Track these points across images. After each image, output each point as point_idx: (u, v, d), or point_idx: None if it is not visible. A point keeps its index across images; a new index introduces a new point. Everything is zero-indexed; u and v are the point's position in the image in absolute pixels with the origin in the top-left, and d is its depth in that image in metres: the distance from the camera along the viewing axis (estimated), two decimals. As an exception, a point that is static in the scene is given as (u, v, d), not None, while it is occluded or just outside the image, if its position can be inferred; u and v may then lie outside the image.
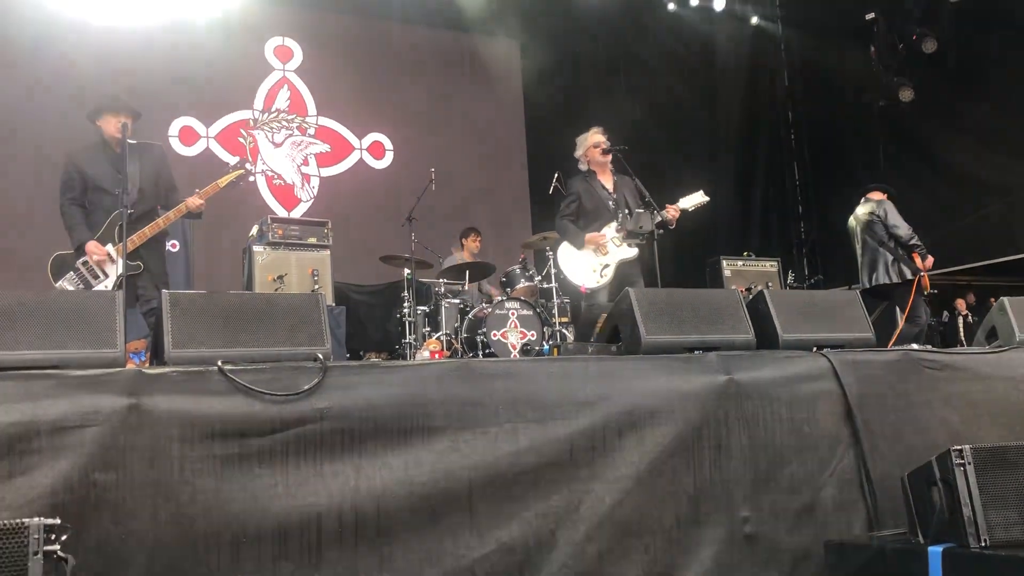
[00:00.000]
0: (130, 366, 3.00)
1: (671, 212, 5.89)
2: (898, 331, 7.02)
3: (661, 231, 5.83)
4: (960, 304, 11.54)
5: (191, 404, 2.79)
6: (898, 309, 7.48)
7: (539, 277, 7.46)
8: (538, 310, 7.04)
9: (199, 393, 2.83)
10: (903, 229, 7.36)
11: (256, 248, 7.07)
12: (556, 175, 6.83)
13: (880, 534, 3.52)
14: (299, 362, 3.10)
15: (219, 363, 2.91)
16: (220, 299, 3.21)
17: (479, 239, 9.06)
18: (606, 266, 6.02)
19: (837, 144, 11.70)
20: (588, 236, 5.97)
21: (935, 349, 4.44)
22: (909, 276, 7.27)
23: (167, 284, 5.15)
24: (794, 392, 3.79)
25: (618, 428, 3.38)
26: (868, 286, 7.36)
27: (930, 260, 7.27)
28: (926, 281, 7.25)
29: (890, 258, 7.36)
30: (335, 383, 3.02)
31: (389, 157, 10.72)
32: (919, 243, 7.32)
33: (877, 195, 7.77)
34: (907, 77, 10.70)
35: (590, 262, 6.04)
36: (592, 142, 6.25)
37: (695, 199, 6.10)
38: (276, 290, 6.74)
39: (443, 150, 10.48)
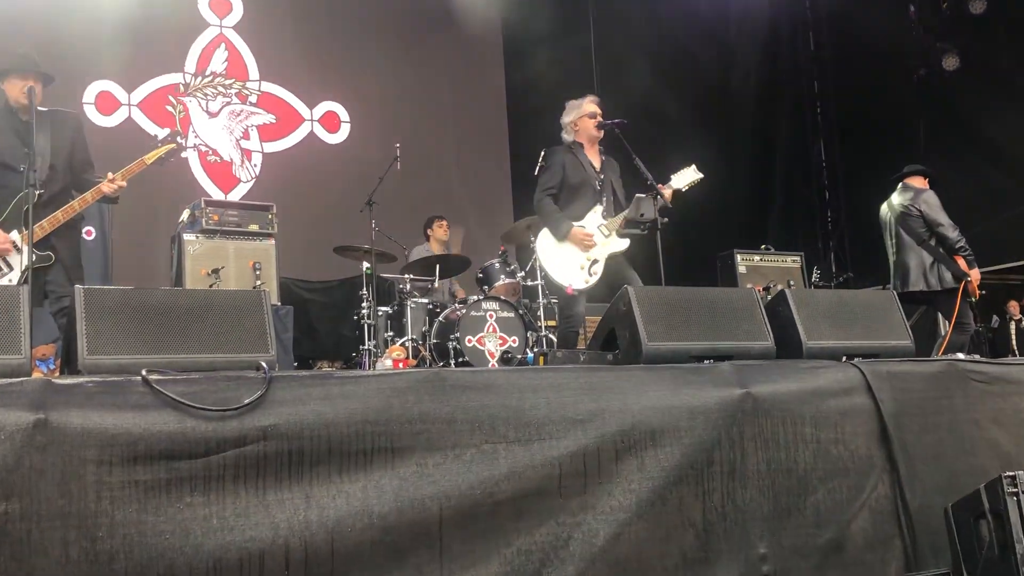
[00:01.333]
0: (36, 375, 2.97)
1: (665, 194, 5.91)
2: (945, 338, 6.96)
3: (665, 219, 5.86)
4: (1013, 307, 11.64)
5: (110, 420, 2.76)
6: (940, 314, 7.45)
7: (522, 273, 7.46)
8: (521, 312, 7.03)
9: (119, 407, 2.80)
10: (949, 228, 7.11)
11: (187, 236, 7.01)
12: (542, 153, 6.82)
13: (919, 575, 3.55)
14: (238, 371, 3.09)
15: (143, 372, 2.89)
16: (144, 296, 3.19)
17: (445, 225, 9.06)
18: (595, 262, 6.03)
19: (870, 119, 11.77)
20: (574, 231, 5.99)
21: (983, 359, 4.49)
22: (952, 283, 7.02)
23: (82, 279, 5.09)
24: (820, 408, 3.82)
25: (614, 450, 3.39)
26: (900, 291, 7.04)
27: (977, 273, 7.03)
28: (973, 287, 7.00)
29: (929, 260, 7.13)
30: (281, 396, 3.01)
31: (345, 130, 10.68)
32: (967, 248, 7.08)
33: (917, 181, 7.56)
34: (952, 42, 10.78)
35: (575, 257, 6.05)
36: (587, 111, 6.27)
37: (687, 176, 6.11)
38: (211, 286, 6.68)
39: (410, 123, 10.45)
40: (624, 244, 6.08)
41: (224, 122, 10.09)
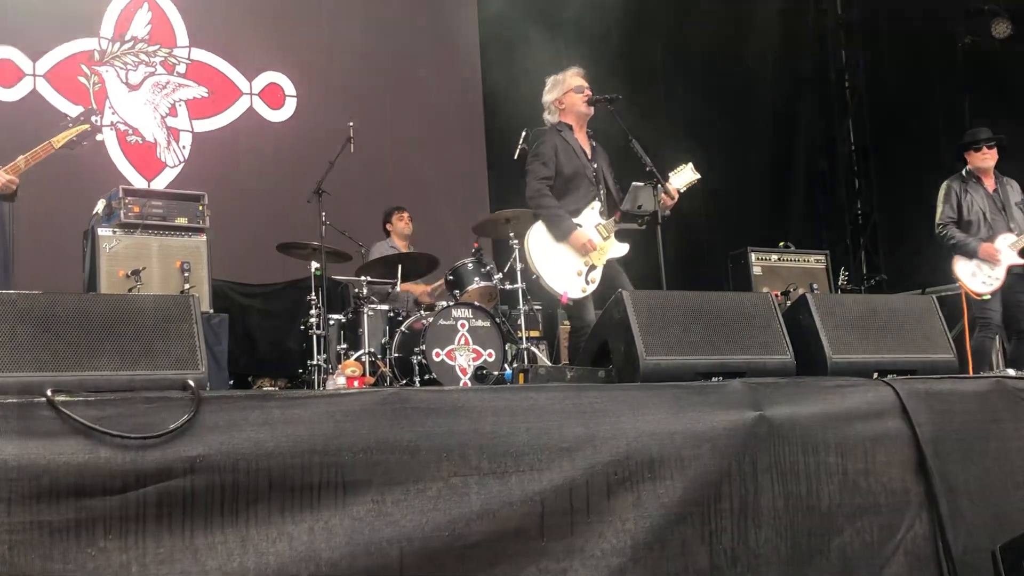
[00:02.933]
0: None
1: (670, 188, 5.93)
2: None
3: (667, 213, 5.88)
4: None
5: (8, 450, 2.74)
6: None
7: (499, 275, 7.46)
8: (498, 320, 7.04)
9: (20, 435, 2.78)
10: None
11: (102, 232, 6.98)
12: (523, 133, 6.84)
13: (962, 629, 3.58)
14: (162, 391, 3.07)
15: (48, 392, 2.86)
16: (51, 303, 3.17)
17: (407, 217, 9.06)
18: (593, 267, 6.07)
19: (907, 94, 11.83)
20: (577, 234, 6.01)
21: (1037, 376, 4.52)
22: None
23: (-24, 281, 5.06)
24: (847, 434, 3.84)
25: (606, 484, 3.39)
26: None
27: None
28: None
29: None
30: (213, 421, 3.00)
31: (290, 106, 10.64)
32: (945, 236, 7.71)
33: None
34: (1003, 5, 10.85)
35: (572, 262, 6.07)
36: (573, 84, 6.29)
37: (685, 176, 6.15)
38: (131, 290, 6.66)
39: (366, 98, 10.43)
40: (624, 249, 6.13)
41: (147, 96, 10.03)
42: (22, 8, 9.41)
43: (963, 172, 7.88)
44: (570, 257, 6.08)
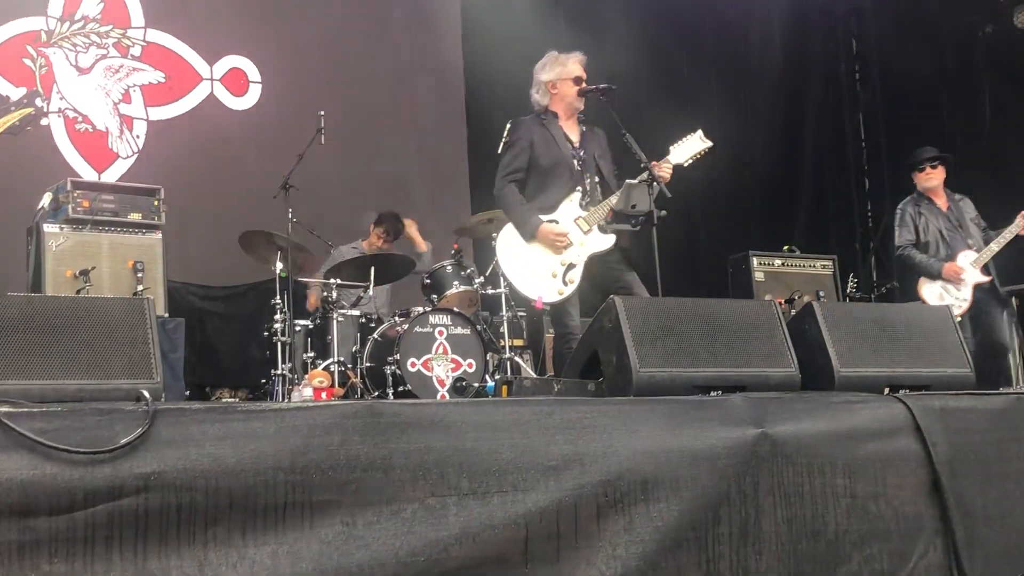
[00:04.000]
0: None
1: (662, 173, 5.91)
2: None
3: (663, 212, 5.87)
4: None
5: (-55, 465, 2.74)
6: None
7: (480, 279, 7.47)
8: (479, 328, 7.04)
9: (-42, 448, 2.77)
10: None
11: (49, 228, 6.95)
12: (508, 125, 6.84)
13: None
14: (113, 403, 3.07)
15: (-10, 403, 2.86)
16: (-7, 305, 3.16)
17: (388, 239, 9.01)
18: (570, 267, 6.01)
19: (922, 88, 11.88)
20: (543, 229, 5.98)
21: (1061, 392, 4.54)
22: None
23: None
24: (856, 454, 3.85)
25: (596, 506, 3.40)
26: None
27: None
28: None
29: None
30: (168, 435, 2.99)
31: (255, 93, 10.61)
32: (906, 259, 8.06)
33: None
34: (1027, -7, 10.91)
35: (546, 262, 6.03)
36: (572, 73, 6.24)
37: (691, 146, 6.12)
38: (79, 291, 6.63)
39: (338, 85, 10.41)
40: (608, 242, 6.04)
41: (98, 81, 10.00)
42: (-39, -16, 9.38)
43: (915, 193, 8.28)
44: (543, 256, 6.03)
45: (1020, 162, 10.50)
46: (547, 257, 6.02)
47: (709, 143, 6.12)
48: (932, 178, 8.16)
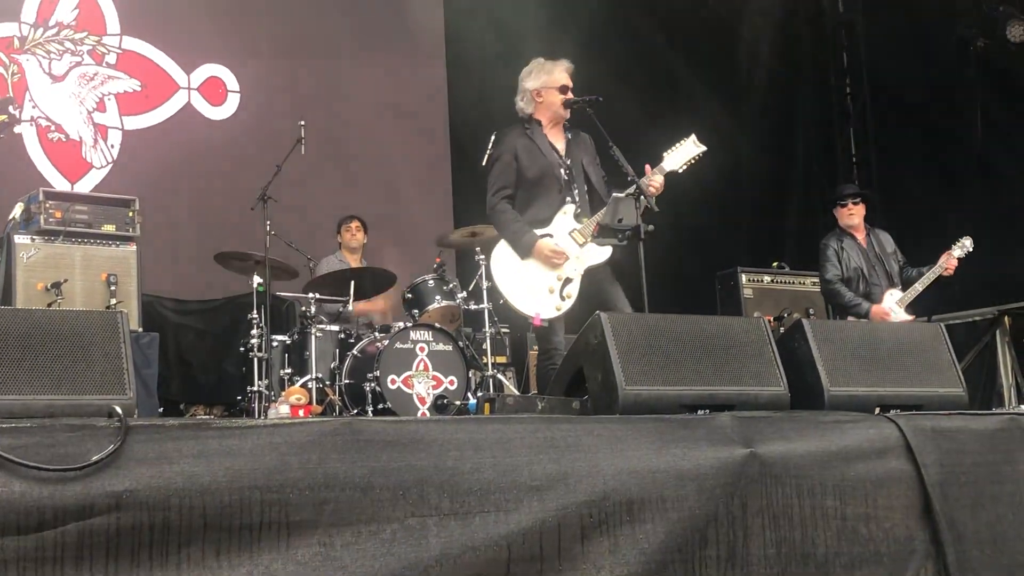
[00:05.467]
0: None
1: (652, 184, 5.91)
2: None
3: (651, 227, 5.86)
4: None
5: (-90, 482, 2.72)
6: None
7: (463, 294, 7.47)
8: (461, 344, 7.04)
9: (-77, 465, 2.76)
10: None
11: (20, 239, 6.93)
12: (493, 137, 6.85)
13: None
14: (85, 418, 3.05)
15: (-43, 418, 2.85)
16: (-39, 317, 3.14)
17: (354, 226, 9.05)
18: (567, 281, 6.01)
19: (914, 102, 11.92)
20: (539, 245, 5.97)
21: (1055, 413, 4.55)
22: None
23: None
24: (846, 475, 3.85)
25: (580, 527, 3.39)
26: None
27: None
28: None
29: None
30: (141, 453, 2.98)
31: (233, 102, 10.61)
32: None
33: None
34: (1019, 6, 10.97)
35: (543, 278, 6.02)
36: (558, 81, 6.22)
37: (685, 151, 6.10)
38: (50, 304, 6.62)
39: (318, 95, 10.43)
40: (605, 253, 6.00)
41: (72, 89, 9.98)
42: (-68, -11, 9.36)
43: (837, 229, 8.40)
44: (539, 273, 6.01)
45: (1012, 176, 10.56)
46: (544, 273, 5.99)
47: (703, 147, 6.10)
48: (854, 215, 8.34)
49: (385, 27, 11.28)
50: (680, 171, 6.08)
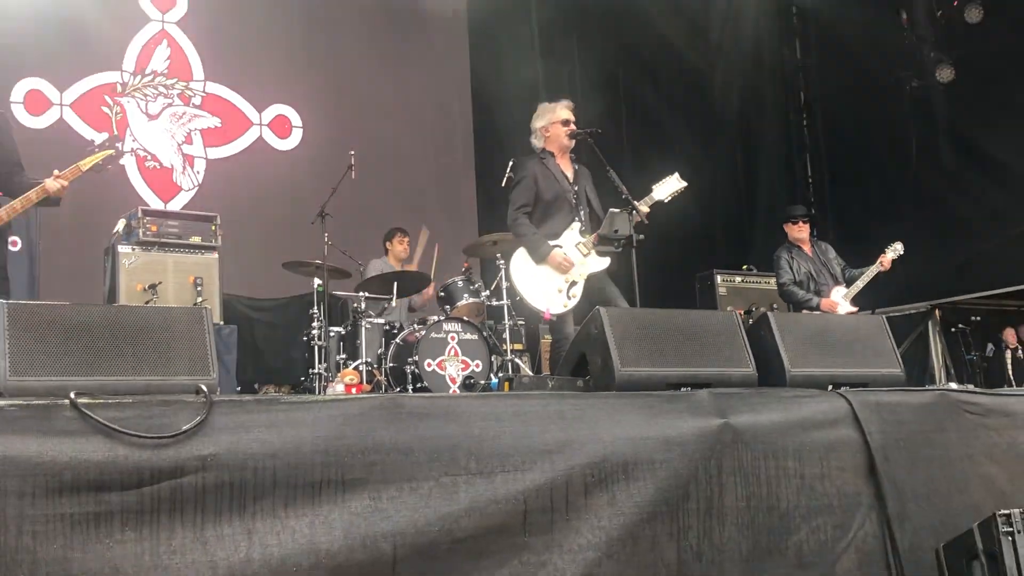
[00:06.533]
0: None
1: (642, 209, 5.95)
2: None
3: (641, 236, 5.89)
4: (1009, 335, 11.74)
5: (33, 447, 2.73)
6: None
7: (487, 292, 7.46)
8: (485, 334, 7.03)
9: (44, 433, 2.77)
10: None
11: (122, 249, 6.97)
12: (511, 163, 6.86)
13: (908, 619, 3.58)
14: (176, 395, 3.07)
15: (71, 395, 2.86)
16: (74, 313, 3.16)
17: (406, 240, 9.06)
18: (574, 284, 6.07)
19: (859, 133, 11.89)
20: (553, 254, 6.03)
21: (978, 389, 4.54)
22: None
23: (7, 293, 5.05)
24: (804, 441, 3.85)
25: (584, 484, 3.40)
26: None
27: None
28: None
29: None
30: (223, 423, 2.99)
31: (297, 136, 10.64)
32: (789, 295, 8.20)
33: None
34: (946, 52, 10.93)
35: (553, 280, 6.08)
36: (560, 116, 6.30)
37: (670, 186, 6.16)
38: (148, 302, 6.65)
39: (367, 129, 10.43)
40: (604, 263, 6.12)
41: (165, 125, 10.02)
42: (52, 43, 9.40)
43: (787, 242, 8.40)
44: (550, 276, 6.08)
45: (942, 196, 10.53)
46: (554, 276, 6.07)
47: (684, 183, 6.17)
48: (802, 231, 8.36)
49: (419, 71, 11.30)
50: (666, 201, 6.12)
